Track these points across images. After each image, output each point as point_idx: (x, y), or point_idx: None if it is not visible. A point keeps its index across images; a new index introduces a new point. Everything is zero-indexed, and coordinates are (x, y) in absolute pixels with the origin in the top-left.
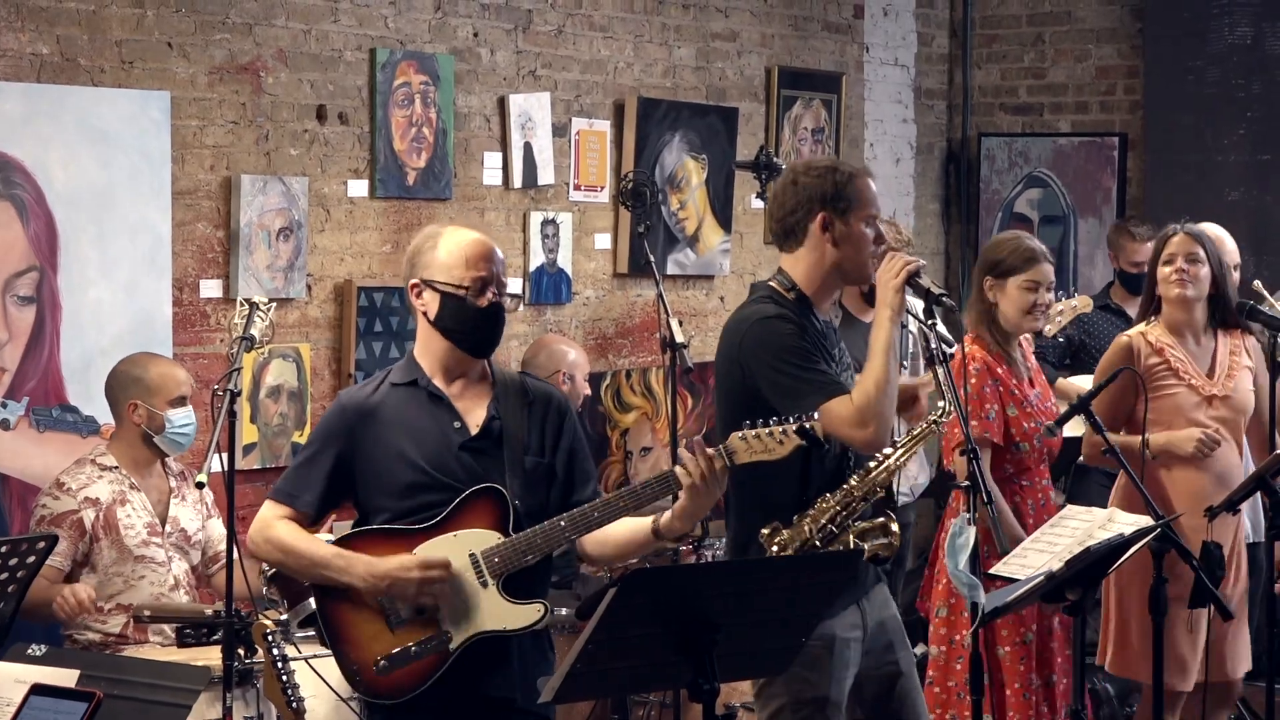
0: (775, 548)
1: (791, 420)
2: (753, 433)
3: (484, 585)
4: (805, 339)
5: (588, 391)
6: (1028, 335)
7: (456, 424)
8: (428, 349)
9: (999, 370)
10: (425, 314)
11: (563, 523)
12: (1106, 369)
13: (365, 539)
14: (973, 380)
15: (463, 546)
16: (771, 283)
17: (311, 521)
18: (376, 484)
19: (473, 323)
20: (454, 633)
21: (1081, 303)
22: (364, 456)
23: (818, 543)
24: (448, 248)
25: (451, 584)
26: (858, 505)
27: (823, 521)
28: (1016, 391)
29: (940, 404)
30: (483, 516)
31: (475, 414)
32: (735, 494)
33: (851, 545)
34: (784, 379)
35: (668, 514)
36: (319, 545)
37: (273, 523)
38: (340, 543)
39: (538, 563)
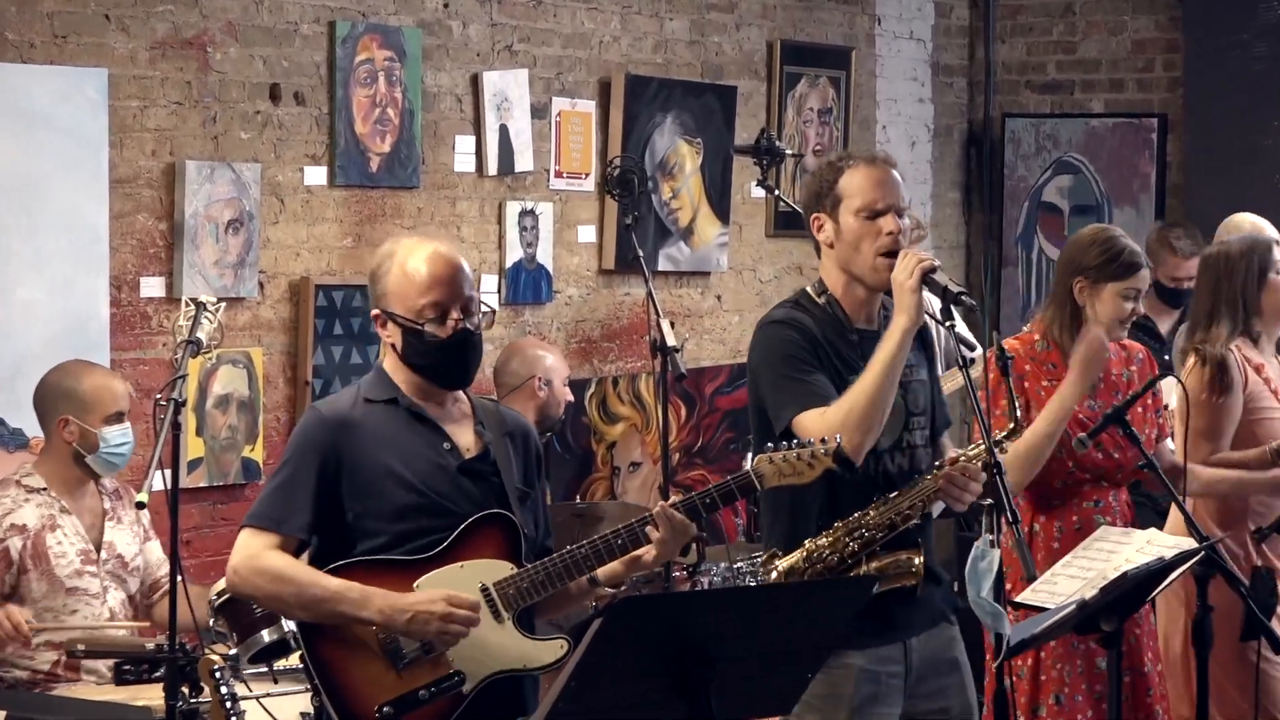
0: (774, 577)
1: (822, 441)
2: (780, 454)
3: (499, 620)
4: (804, 345)
5: (570, 398)
6: None
7: (447, 445)
8: (399, 369)
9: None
10: (394, 347)
11: (583, 549)
12: (1212, 388)
13: (357, 571)
14: (1043, 384)
15: (472, 578)
16: (809, 287)
17: (303, 550)
18: (367, 504)
19: (437, 357)
20: (468, 673)
21: None
22: (351, 472)
23: (814, 576)
24: (399, 272)
25: None
26: (872, 535)
27: (823, 551)
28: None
29: (1000, 434)
30: (490, 545)
31: (464, 436)
32: (764, 515)
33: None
34: (768, 388)
35: (614, 563)
36: (325, 578)
37: (262, 553)
38: (331, 574)
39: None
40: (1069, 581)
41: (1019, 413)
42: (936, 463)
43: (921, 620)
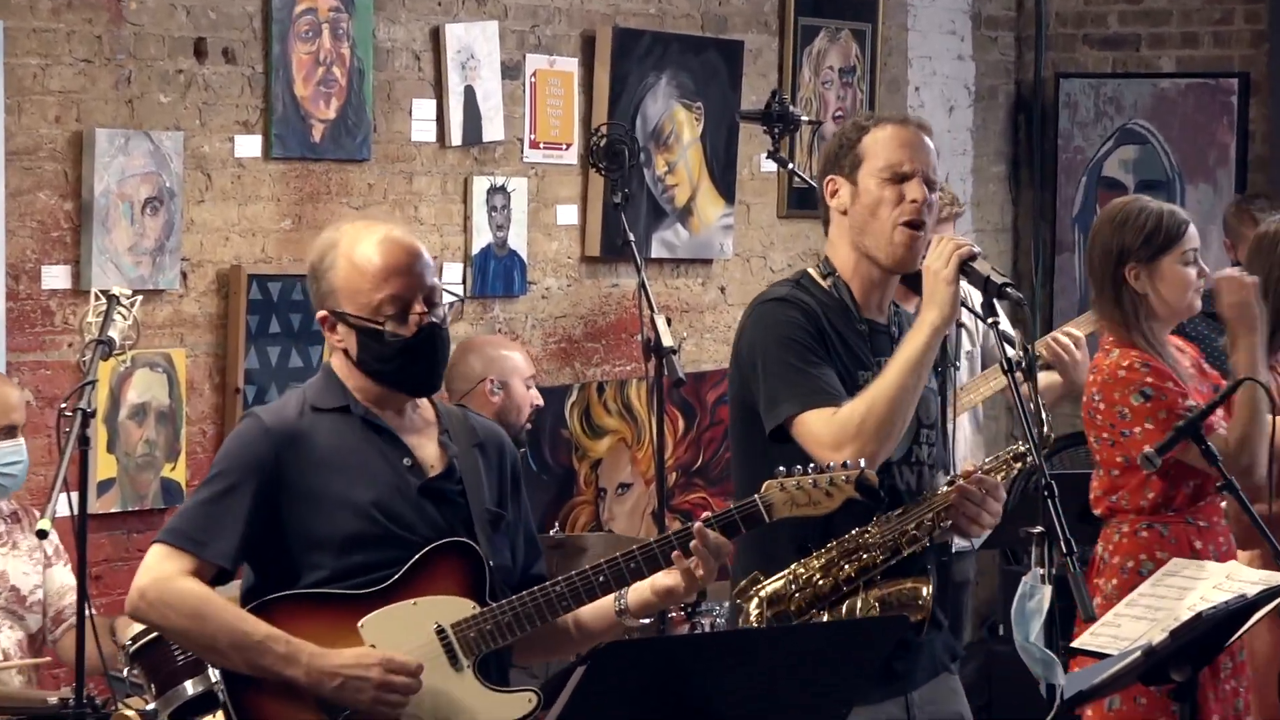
0: (754, 606)
1: (843, 467)
2: (793, 481)
3: (456, 668)
4: (809, 330)
5: (537, 400)
6: None
7: (407, 461)
8: (352, 372)
9: (1167, 384)
10: (346, 352)
11: (559, 588)
12: None
13: (292, 607)
14: (1131, 391)
15: (426, 617)
16: (811, 268)
17: (221, 579)
18: (311, 533)
19: (402, 360)
20: None
21: None
22: (295, 495)
23: (801, 605)
24: (347, 264)
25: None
26: (872, 559)
27: (814, 575)
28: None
29: (1022, 446)
30: (449, 579)
31: (427, 450)
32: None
33: (865, 610)
34: (762, 377)
35: (642, 587)
36: (250, 620)
37: (177, 578)
38: (257, 612)
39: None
40: (1134, 623)
41: (1047, 421)
42: (948, 477)
43: (923, 669)
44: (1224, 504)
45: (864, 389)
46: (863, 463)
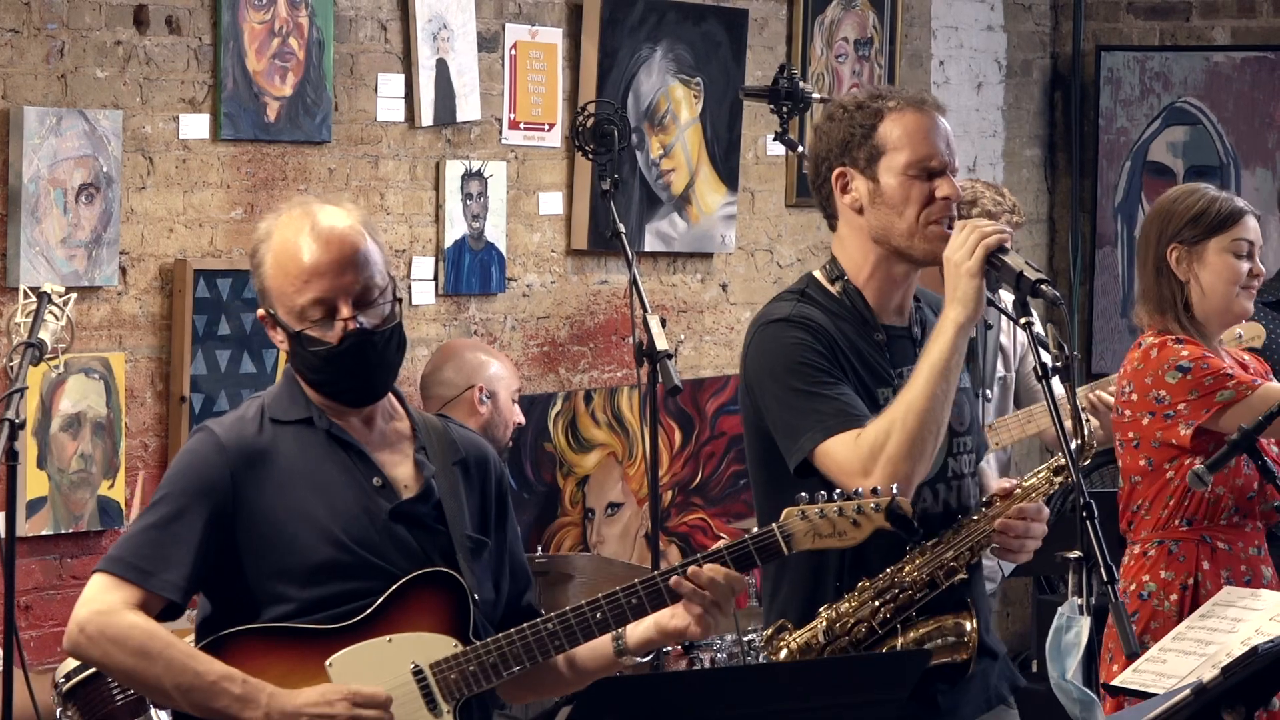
0: (784, 657)
1: (872, 494)
2: (816, 509)
3: (435, 713)
4: (819, 350)
5: (519, 419)
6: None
7: (377, 481)
8: None
9: (1207, 354)
10: (288, 355)
11: (551, 625)
12: None
13: (251, 643)
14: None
15: (402, 656)
16: (817, 271)
17: (171, 612)
18: (272, 562)
19: (327, 371)
20: None
21: (1249, 333)
22: (253, 520)
23: (835, 654)
24: (274, 262)
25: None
26: (909, 597)
27: (846, 621)
28: None
29: (1063, 460)
30: (428, 614)
31: (400, 468)
32: (765, 574)
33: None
34: (780, 409)
35: (645, 622)
36: (202, 659)
37: (121, 612)
38: (211, 649)
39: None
40: (1182, 659)
41: (1085, 427)
42: (984, 499)
43: (973, 703)
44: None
45: (886, 407)
46: (895, 489)
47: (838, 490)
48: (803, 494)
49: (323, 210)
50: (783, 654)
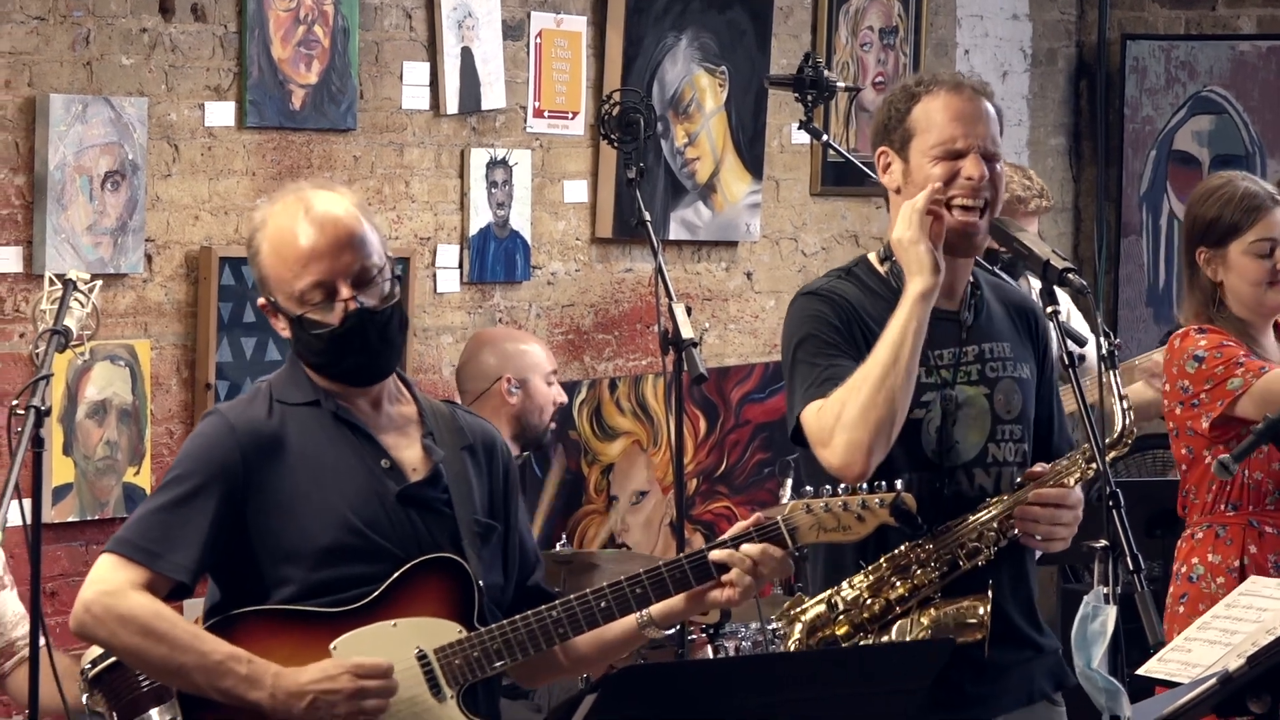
0: (797, 631)
1: (876, 488)
2: (820, 502)
3: (439, 697)
4: (833, 323)
5: (560, 399)
6: None
7: (385, 463)
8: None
9: (1225, 343)
10: (291, 341)
11: (556, 613)
12: None
13: (257, 625)
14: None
15: (406, 641)
16: (871, 253)
17: (179, 594)
18: (281, 544)
19: (330, 353)
20: None
21: None
22: (263, 502)
23: (848, 629)
24: (270, 249)
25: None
26: (927, 576)
27: (861, 596)
28: None
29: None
30: (433, 599)
31: (408, 451)
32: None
33: (915, 633)
34: (788, 377)
35: (671, 600)
36: (207, 639)
37: (126, 592)
38: (218, 630)
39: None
40: (1207, 648)
41: (1128, 418)
42: (1017, 480)
43: (1011, 694)
44: None
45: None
46: (899, 484)
47: (842, 485)
48: (808, 488)
49: (316, 195)
50: (796, 627)
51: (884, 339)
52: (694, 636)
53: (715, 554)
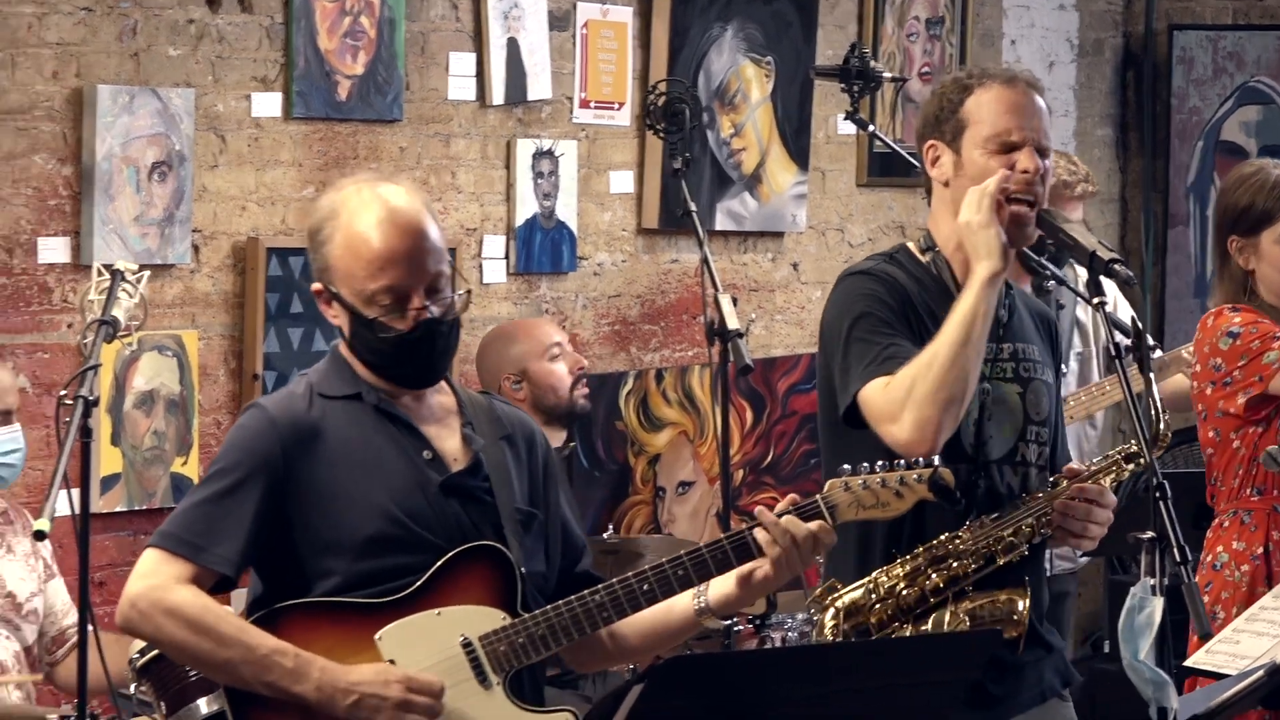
0: (829, 618)
1: (915, 465)
2: (859, 480)
3: (485, 685)
4: (888, 303)
5: (579, 364)
6: None
7: (427, 454)
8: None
9: (1260, 320)
10: (340, 331)
11: (599, 596)
12: None
13: (301, 618)
14: (1249, 340)
15: (451, 629)
16: (910, 242)
17: (223, 587)
18: (323, 536)
19: (393, 355)
20: None
21: None
22: (306, 495)
23: (882, 617)
24: (343, 242)
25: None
26: (963, 568)
27: (897, 584)
28: None
29: (1134, 445)
30: (476, 588)
31: (449, 442)
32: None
33: (954, 625)
34: (840, 355)
35: (723, 584)
36: (254, 633)
37: (172, 586)
38: (262, 624)
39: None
40: (1255, 640)
41: (1163, 417)
42: (1052, 479)
43: (1027, 693)
44: None
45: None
46: (936, 460)
47: (880, 462)
48: (845, 465)
49: (392, 192)
50: (830, 612)
51: (953, 319)
52: (740, 627)
53: (757, 533)
